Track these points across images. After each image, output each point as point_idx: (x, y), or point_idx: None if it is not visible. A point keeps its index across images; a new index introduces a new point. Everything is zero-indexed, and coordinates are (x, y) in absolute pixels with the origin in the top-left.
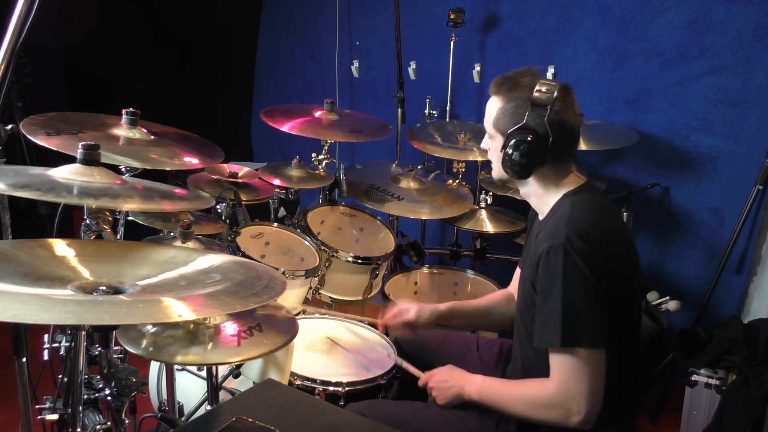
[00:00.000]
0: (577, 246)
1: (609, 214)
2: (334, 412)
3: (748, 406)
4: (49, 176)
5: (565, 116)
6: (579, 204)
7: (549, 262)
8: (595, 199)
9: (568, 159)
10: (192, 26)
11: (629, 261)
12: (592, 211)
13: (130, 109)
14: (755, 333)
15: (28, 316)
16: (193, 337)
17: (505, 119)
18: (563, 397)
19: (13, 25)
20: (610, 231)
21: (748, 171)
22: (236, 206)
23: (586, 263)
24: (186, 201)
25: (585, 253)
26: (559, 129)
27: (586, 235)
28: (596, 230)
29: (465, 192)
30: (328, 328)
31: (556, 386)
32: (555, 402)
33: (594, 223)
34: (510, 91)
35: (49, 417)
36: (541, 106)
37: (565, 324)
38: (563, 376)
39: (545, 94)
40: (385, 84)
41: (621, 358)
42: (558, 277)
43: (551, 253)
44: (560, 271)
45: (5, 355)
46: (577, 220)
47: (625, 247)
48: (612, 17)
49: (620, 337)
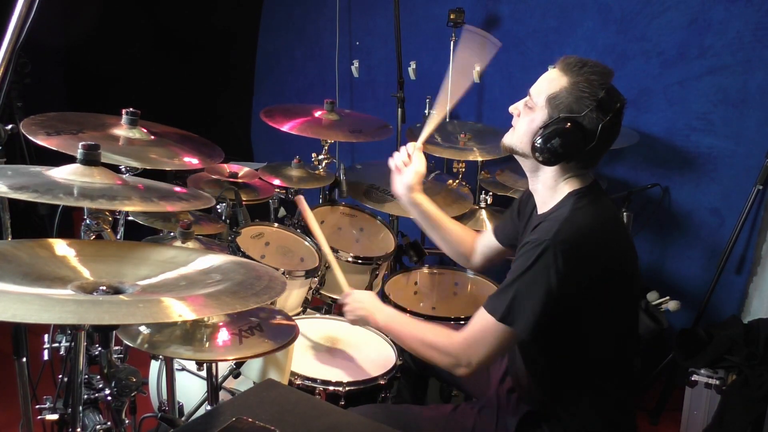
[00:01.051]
0: (560, 248)
1: (609, 217)
2: (335, 412)
3: (748, 406)
4: (49, 177)
5: (616, 129)
6: (580, 205)
7: (527, 250)
8: (598, 202)
9: (591, 166)
10: (192, 26)
11: (629, 262)
12: (592, 214)
13: (130, 109)
14: (755, 333)
15: (28, 316)
16: (192, 336)
17: (563, 100)
18: (460, 353)
19: (13, 25)
20: (610, 234)
21: (748, 171)
22: (236, 206)
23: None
24: (186, 201)
25: (563, 257)
26: (605, 138)
27: (575, 240)
28: (593, 234)
29: (465, 192)
30: (328, 328)
31: (461, 341)
32: (452, 352)
33: (592, 226)
34: (581, 77)
35: (49, 417)
36: (604, 110)
37: (512, 305)
38: (472, 335)
39: (612, 101)
40: (385, 84)
41: (618, 359)
42: (527, 264)
43: (534, 243)
44: (531, 261)
45: (5, 355)
46: (573, 221)
47: (624, 249)
48: (612, 17)
49: (616, 339)
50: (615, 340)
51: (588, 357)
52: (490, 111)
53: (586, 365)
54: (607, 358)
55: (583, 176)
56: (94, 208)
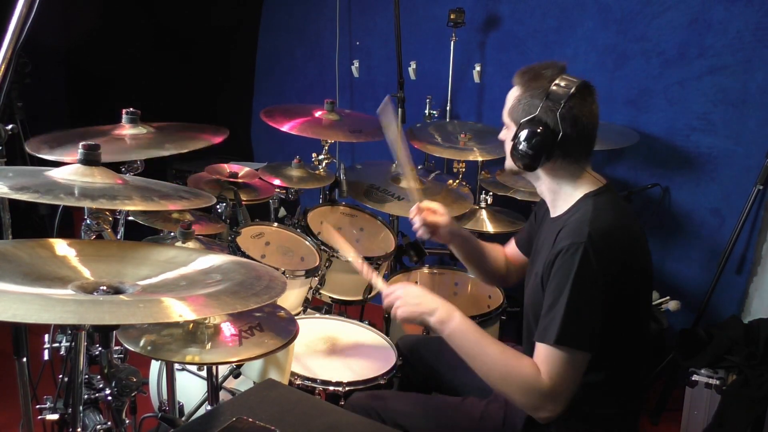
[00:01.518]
0: (597, 246)
1: (630, 217)
2: (335, 412)
3: (748, 406)
4: (50, 177)
5: (580, 114)
6: (602, 205)
7: (566, 258)
8: (616, 202)
9: (581, 158)
10: (192, 26)
11: (647, 265)
12: (615, 213)
13: (130, 109)
14: (755, 333)
15: (28, 315)
16: (193, 337)
17: (519, 109)
18: (550, 391)
19: (14, 25)
20: (631, 234)
21: (749, 171)
22: (236, 206)
23: (602, 266)
24: (187, 199)
25: (603, 255)
26: (571, 125)
27: (608, 237)
28: (619, 232)
29: (465, 192)
30: (329, 328)
31: (548, 380)
32: (539, 391)
33: (617, 224)
34: (529, 81)
35: (50, 417)
36: (555, 100)
37: (568, 323)
38: (556, 372)
39: (562, 89)
40: (385, 84)
41: (632, 356)
42: (572, 275)
43: (570, 250)
44: (575, 270)
45: (5, 355)
46: (601, 220)
47: (643, 251)
48: (612, 17)
49: (631, 338)
50: (629, 339)
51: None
52: (490, 111)
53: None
54: (620, 356)
55: (591, 177)
56: (95, 207)
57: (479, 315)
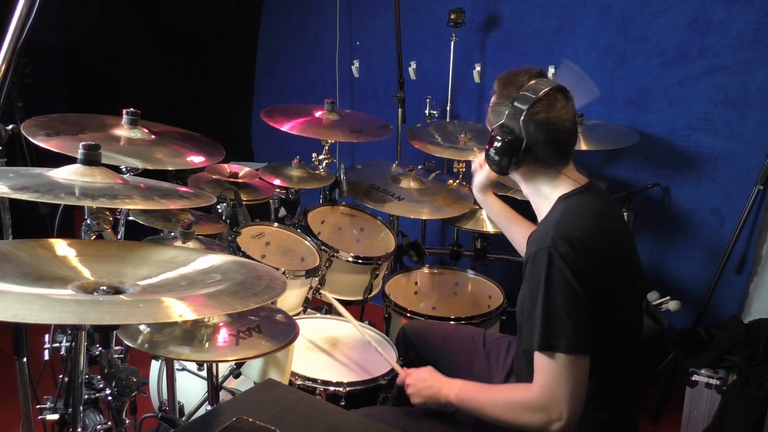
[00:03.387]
0: (562, 250)
1: (604, 218)
2: (335, 412)
3: (748, 407)
4: (50, 177)
5: (547, 118)
6: (571, 208)
7: (535, 265)
8: (588, 203)
9: (555, 161)
10: (192, 26)
11: (627, 264)
12: (583, 216)
13: (130, 109)
14: (755, 333)
15: (28, 315)
16: (192, 336)
17: (492, 116)
18: (545, 401)
19: (14, 26)
20: (603, 235)
21: (749, 171)
22: (237, 206)
23: (571, 268)
24: (187, 199)
25: (569, 258)
26: (537, 131)
27: (573, 240)
28: (585, 235)
29: (465, 192)
30: (329, 328)
31: (538, 390)
32: (537, 405)
33: (584, 227)
34: (501, 88)
35: (50, 417)
36: (519, 106)
37: (544, 328)
38: (545, 380)
39: (527, 95)
40: (385, 84)
41: (621, 360)
42: (542, 280)
43: (537, 257)
44: (543, 275)
45: (5, 354)
46: (566, 224)
47: (621, 250)
48: (612, 17)
49: (619, 339)
50: (615, 341)
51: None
52: None
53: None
54: (607, 360)
55: (570, 179)
56: (95, 207)
57: (479, 315)
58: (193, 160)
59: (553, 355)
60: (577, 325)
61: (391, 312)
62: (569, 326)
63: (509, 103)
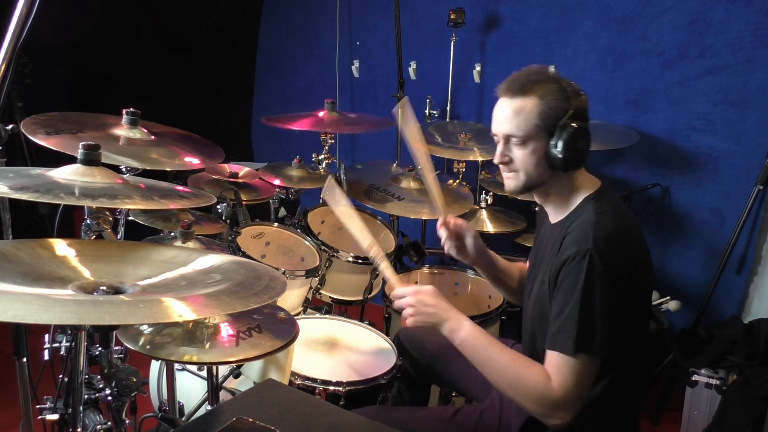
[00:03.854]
0: (604, 252)
1: (629, 218)
2: (335, 412)
3: (748, 406)
4: (50, 177)
5: (588, 118)
6: (603, 208)
7: (573, 266)
8: (616, 204)
9: (583, 162)
10: (192, 26)
11: (648, 265)
12: (616, 216)
13: (130, 109)
14: (756, 333)
15: (28, 316)
16: (194, 337)
17: (552, 113)
18: (560, 400)
19: (14, 25)
20: (633, 236)
21: (749, 171)
22: (237, 206)
23: (609, 272)
24: (188, 199)
25: (610, 261)
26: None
27: (613, 241)
28: (622, 235)
29: (465, 192)
30: (329, 328)
31: (559, 389)
32: (549, 399)
33: (619, 227)
34: (538, 86)
35: (50, 417)
36: (574, 96)
37: (581, 331)
38: (566, 380)
39: (572, 86)
40: (385, 84)
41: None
42: (580, 282)
43: (577, 258)
44: (583, 277)
45: (5, 355)
46: (604, 225)
47: (644, 250)
48: (612, 17)
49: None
50: (629, 343)
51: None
52: (490, 111)
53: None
54: (622, 361)
55: (588, 179)
56: (95, 207)
57: (480, 315)
58: (191, 162)
59: (580, 357)
60: (606, 330)
61: (391, 312)
62: (602, 331)
63: (564, 97)
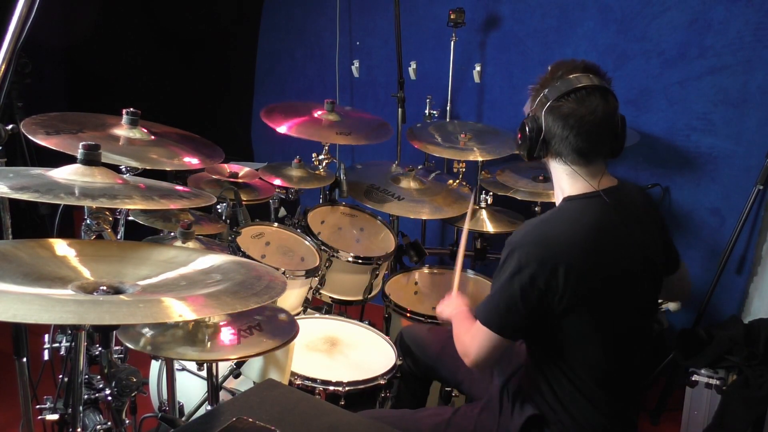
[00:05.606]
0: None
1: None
2: (335, 412)
3: (748, 407)
4: (50, 177)
5: (572, 114)
6: (562, 211)
7: (503, 251)
8: (586, 210)
9: (573, 160)
10: (192, 26)
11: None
12: (568, 222)
13: (130, 109)
14: (756, 333)
15: (28, 316)
16: (193, 336)
17: (529, 103)
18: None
19: (14, 25)
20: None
21: (749, 171)
22: (236, 206)
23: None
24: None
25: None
26: (555, 124)
27: (542, 243)
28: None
29: (465, 192)
30: (329, 328)
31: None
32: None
33: (557, 233)
34: (545, 75)
35: (50, 417)
36: (549, 96)
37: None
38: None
39: (558, 87)
40: (385, 84)
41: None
42: (500, 266)
43: (506, 247)
44: (502, 262)
45: (5, 355)
46: (540, 226)
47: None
48: (612, 17)
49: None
50: (604, 346)
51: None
52: (490, 111)
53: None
54: (597, 363)
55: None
56: (95, 207)
57: None
58: (191, 162)
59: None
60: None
61: (391, 312)
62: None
63: (542, 91)
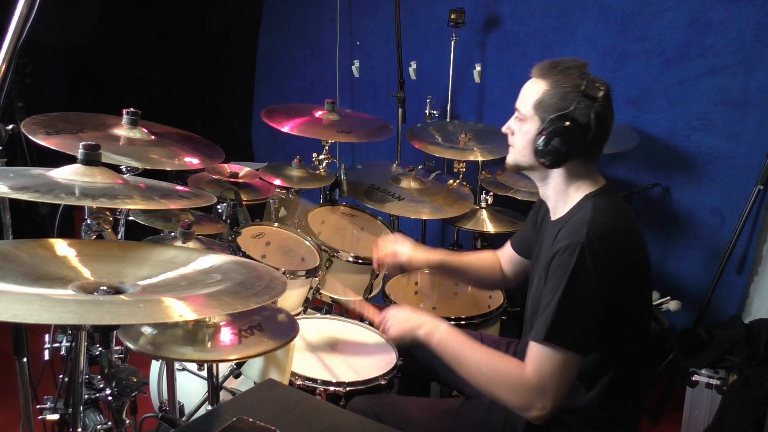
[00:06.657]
0: (595, 248)
1: (628, 218)
2: (335, 412)
3: (748, 407)
4: (50, 177)
5: (608, 115)
6: (602, 206)
7: (563, 258)
8: (616, 203)
9: (595, 158)
10: (192, 26)
11: (645, 265)
12: (613, 215)
13: (130, 109)
14: (756, 333)
15: (28, 316)
16: (193, 336)
17: (550, 103)
18: (535, 386)
19: (14, 25)
20: (629, 235)
21: (749, 171)
22: (237, 206)
23: (598, 268)
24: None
25: (600, 257)
26: (601, 125)
27: (606, 238)
28: (617, 234)
29: (465, 192)
30: (329, 328)
31: (533, 375)
32: (527, 389)
33: (615, 226)
34: (559, 76)
35: (50, 417)
36: (590, 98)
37: (556, 320)
38: (543, 369)
39: (596, 88)
40: (385, 84)
41: (634, 361)
42: (567, 274)
43: (568, 251)
44: (570, 269)
45: (6, 355)
46: (599, 221)
47: (642, 251)
48: (612, 17)
49: (633, 340)
50: (626, 342)
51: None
52: (490, 111)
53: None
54: (624, 360)
55: (593, 178)
56: (95, 207)
57: (480, 315)
58: (191, 162)
59: (555, 348)
60: (584, 325)
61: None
62: (581, 326)
63: (579, 92)
